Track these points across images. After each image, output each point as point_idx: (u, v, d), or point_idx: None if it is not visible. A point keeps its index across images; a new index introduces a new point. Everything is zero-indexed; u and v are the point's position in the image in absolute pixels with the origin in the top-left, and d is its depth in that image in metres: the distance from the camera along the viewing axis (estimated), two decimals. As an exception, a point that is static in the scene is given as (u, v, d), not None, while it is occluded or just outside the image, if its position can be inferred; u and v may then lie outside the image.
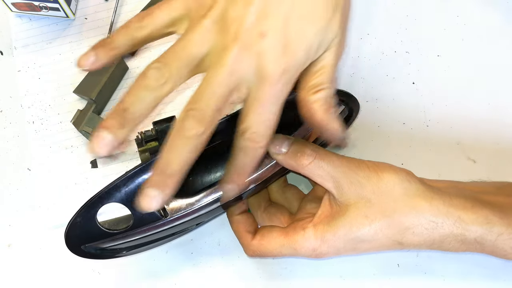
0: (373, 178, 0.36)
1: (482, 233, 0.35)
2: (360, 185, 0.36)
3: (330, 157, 0.37)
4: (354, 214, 0.36)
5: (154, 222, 0.37)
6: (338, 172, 0.36)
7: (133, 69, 0.54)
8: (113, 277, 0.46)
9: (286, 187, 0.45)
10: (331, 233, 0.36)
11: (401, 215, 0.35)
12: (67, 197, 0.49)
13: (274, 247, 0.39)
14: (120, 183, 0.35)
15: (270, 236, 0.39)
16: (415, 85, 0.52)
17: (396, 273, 0.44)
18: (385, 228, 0.35)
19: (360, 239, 0.36)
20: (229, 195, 0.34)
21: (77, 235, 0.37)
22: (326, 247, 0.37)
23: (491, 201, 0.36)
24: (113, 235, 0.37)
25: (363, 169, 0.36)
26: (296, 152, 0.37)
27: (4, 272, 0.47)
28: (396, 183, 0.36)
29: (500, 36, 0.53)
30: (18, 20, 0.57)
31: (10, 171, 0.51)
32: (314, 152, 0.37)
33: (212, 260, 0.46)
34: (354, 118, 0.45)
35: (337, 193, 0.36)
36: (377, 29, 0.54)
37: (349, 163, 0.37)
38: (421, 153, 0.49)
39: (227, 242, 0.46)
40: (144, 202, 0.29)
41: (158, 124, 0.41)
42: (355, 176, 0.36)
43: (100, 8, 0.58)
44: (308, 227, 0.37)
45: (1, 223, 0.49)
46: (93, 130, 0.48)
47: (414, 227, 0.35)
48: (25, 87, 0.54)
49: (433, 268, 0.44)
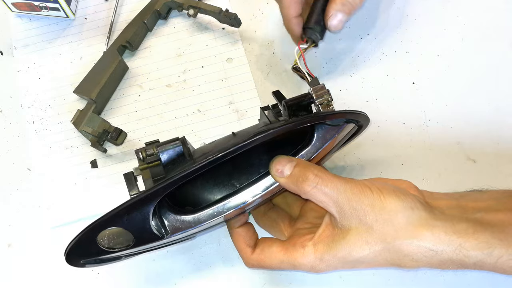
0: (377, 206, 0.36)
1: (482, 258, 0.34)
2: (364, 212, 0.35)
3: (333, 182, 0.36)
4: (354, 239, 0.36)
5: (154, 241, 0.36)
6: (341, 198, 0.36)
7: (133, 69, 0.54)
8: (113, 277, 0.46)
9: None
10: (330, 255, 0.36)
11: (401, 243, 0.35)
12: (67, 197, 0.49)
13: (273, 262, 0.39)
14: (122, 210, 0.35)
15: (270, 251, 0.39)
16: (415, 85, 0.52)
17: (396, 273, 0.44)
18: (384, 253, 0.36)
19: (359, 261, 0.36)
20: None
21: (78, 254, 0.37)
22: (325, 266, 0.37)
23: (492, 221, 0.36)
24: (113, 253, 0.37)
25: (367, 195, 0.36)
26: (298, 177, 0.37)
27: (4, 272, 0.47)
28: (399, 211, 0.35)
29: (500, 36, 0.53)
30: (18, 20, 0.57)
31: (10, 171, 0.51)
32: (317, 178, 0.36)
33: (212, 260, 0.46)
34: (363, 129, 0.45)
35: (340, 217, 0.36)
36: (377, 29, 0.54)
37: (353, 188, 0.36)
38: (421, 153, 0.49)
39: (227, 242, 0.46)
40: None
41: (162, 146, 0.39)
42: (359, 203, 0.36)
43: (100, 8, 0.58)
44: (308, 246, 0.37)
45: (1, 223, 0.49)
46: (93, 130, 0.48)
47: (414, 254, 0.35)
48: (25, 87, 0.54)
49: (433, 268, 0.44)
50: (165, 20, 0.57)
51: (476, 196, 0.39)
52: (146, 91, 0.53)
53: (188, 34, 0.56)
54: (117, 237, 0.36)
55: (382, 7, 0.55)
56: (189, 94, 0.53)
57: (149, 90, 0.53)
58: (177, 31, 0.56)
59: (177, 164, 0.38)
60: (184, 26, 0.56)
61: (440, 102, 0.51)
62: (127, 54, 0.55)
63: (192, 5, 0.55)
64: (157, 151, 0.38)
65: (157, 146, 0.38)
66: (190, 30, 0.56)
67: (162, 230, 0.36)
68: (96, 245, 0.36)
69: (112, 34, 0.56)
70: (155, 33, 0.56)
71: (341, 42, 0.54)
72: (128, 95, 0.53)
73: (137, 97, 0.53)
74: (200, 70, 0.54)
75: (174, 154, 0.38)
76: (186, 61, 0.54)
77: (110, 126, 0.49)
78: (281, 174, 0.37)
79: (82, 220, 0.47)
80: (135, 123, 0.52)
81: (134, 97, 0.53)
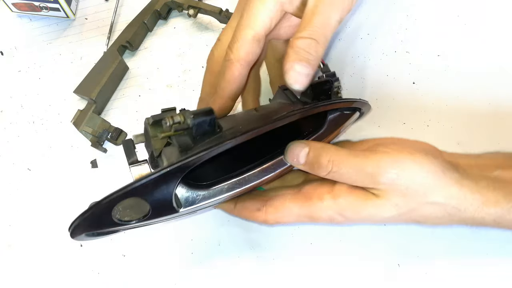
0: (407, 170, 0.36)
1: (502, 214, 0.36)
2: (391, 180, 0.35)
3: (349, 161, 0.36)
4: (382, 202, 0.36)
5: (169, 214, 0.35)
6: (359, 176, 0.36)
7: (133, 69, 0.54)
8: (113, 277, 0.46)
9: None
10: (353, 212, 0.37)
11: (430, 203, 0.36)
12: (67, 197, 0.49)
13: (291, 218, 0.39)
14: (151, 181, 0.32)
15: (284, 208, 0.39)
16: (415, 85, 0.52)
17: (396, 273, 0.44)
18: (410, 212, 0.36)
19: (382, 220, 0.37)
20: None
21: (86, 226, 0.34)
22: (344, 220, 0.37)
23: (510, 178, 0.37)
24: (125, 225, 0.34)
25: (384, 167, 0.36)
26: (312, 163, 0.37)
27: (4, 272, 0.47)
28: (431, 172, 0.35)
29: (500, 36, 0.53)
30: (18, 20, 0.57)
31: (10, 171, 0.51)
32: (330, 164, 0.36)
33: (212, 260, 0.46)
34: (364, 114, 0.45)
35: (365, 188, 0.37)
36: (377, 29, 0.54)
37: (367, 163, 0.36)
38: (421, 153, 0.49)
39: (227, 242, 0.46)
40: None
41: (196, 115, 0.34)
42: (377, 177, 0.36)
43: (100, 8, 0.58)
44: (327, 200, 0.37)
45: (1, 223, 0.49)
46: (93, 130, 0.48)
47: (438, 212, 0.36)
48: (25, 87, 0.54)
49: (433, 269, 0.44)
50: (165, 20, 0.57)
51: (492, 156, 0.41)
52: (146, 91, 0.53)
53: (188, 34, 0.56)
54: (130, 209, 0.33)
55: (382, 7, 0.55)
56: (189, 94, 0.53)
57: (149, 90, 0.53)
58: (177, 31, 0.56)
59: (206, 135, 0.35)
60: (184, 26, 0.56)
61: (440, 102, 0.51)
62: (127, 54, 0.55)
63: (192, 5, 0.55)
64: (188, 119, 0.34)
65: (192, 114, 0.34)
66: (190, 30, 0.56)
67: (176, 203, 0.35)
68: (109, 217, 0.33)
69: (112, 34, 0.56)
70: (155, 33, 0.56)
71: (341, 42, 0.54)
72: (128, 95, 0.53)
73: (137, 97, 0.53)
74: (200, 70, 0.54)
75: (205, 125, 0.35)
76: (186, 61, 0.54)
77: (110, 126, 0.49)
78: (297, 162, 0.38)
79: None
80: (135, 123, 0.52)
81: (134, 97, 0.53)
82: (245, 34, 0.39)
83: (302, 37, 0.35)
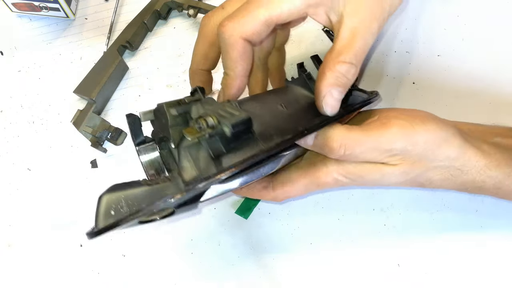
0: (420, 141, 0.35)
1: (502, 179, 0.37)
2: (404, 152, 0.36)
3: (362, 142, 0.35)
4: (391, 170, 0.36)
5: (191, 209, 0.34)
6: (374, 154, 0.36)
7: (133, 69, 0.54)
8: (113, 277, 0.46)
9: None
10: (358, 176, 0.37)
11: (436, 166, 0.36)
12: (67, 197, 0.49)
13: (298, 190, 0.39)
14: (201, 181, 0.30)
15: (290, 180, 0.39)
16: (415, 85, 0.52)
17: (396, 273, 0.44)
18: (417, 177, 0.37)
19: (388, 184, 0.37)
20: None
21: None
22: (350, 182, 0.37)
23: (509, 145, 0.38)
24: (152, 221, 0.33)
25: (400, 142, 0.35)
26: (321, 146, 0.36)
27: (4, 272, 0.47)
28: (443, 140, 0.36)
29: (500, 36, 0.53)
30: (18, 20, 0.57)
31: (10, 171, 0.51)
32: (342, 148, 0.35)
33: (212, 260, 0.46)
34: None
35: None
36: (377, 29, 0.54)
37: (382, 141, 0.35)
38: (421, 153, 0.49)
39: (227, 242, 0.46)
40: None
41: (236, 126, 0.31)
42: (393, 152, 0.35)
43: (100, 8, 0.58)
44: (331, 163, 0.37)
45: (1, 223, 0.49)
46: (93, 130, 0.48)
47: (442, 174, 0.37)
48: (25, 87, 0.54)
49: (433, 269, 0.44)
50: (165, 20, 0.57)
51: (491, 126, 0.42)
52: (146, 91, 0.53)
53: (188, 34, 0.56)
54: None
55: (382, 7, 0.55)
56: (189, 94, 0.53)
57: (149, 90, 0.53)
58: (177, 31, 0.56)
59: (240, 140, 0.33)
60: (184, 26, 0.56)
61: (440, 102, 0.51)
62: (127, 54, 0.55)
63: (192, 5, 0.55)
64: (225, 127, 0.31)
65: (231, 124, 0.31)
66: (190, 30, 0.56)
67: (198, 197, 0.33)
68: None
69: (112, 34, 0.56)
70: (155, 33, 0.56)
71: (341, 42, 0.54)
72: (128, 95, 0.53)
73: (137, 97, 0.53)
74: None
75: (242, 133, 0.32)
76: (186, 61, 0.54)
77: (110, 126, 0.49)
78: (305, 143, 0.37)
79: (82, 220, 0.47)
80: (135, 123, 0.52)
81: (134, 97, 0.53)
82: (258, 13, 0.35)
83: (344, 62, 0.34)
